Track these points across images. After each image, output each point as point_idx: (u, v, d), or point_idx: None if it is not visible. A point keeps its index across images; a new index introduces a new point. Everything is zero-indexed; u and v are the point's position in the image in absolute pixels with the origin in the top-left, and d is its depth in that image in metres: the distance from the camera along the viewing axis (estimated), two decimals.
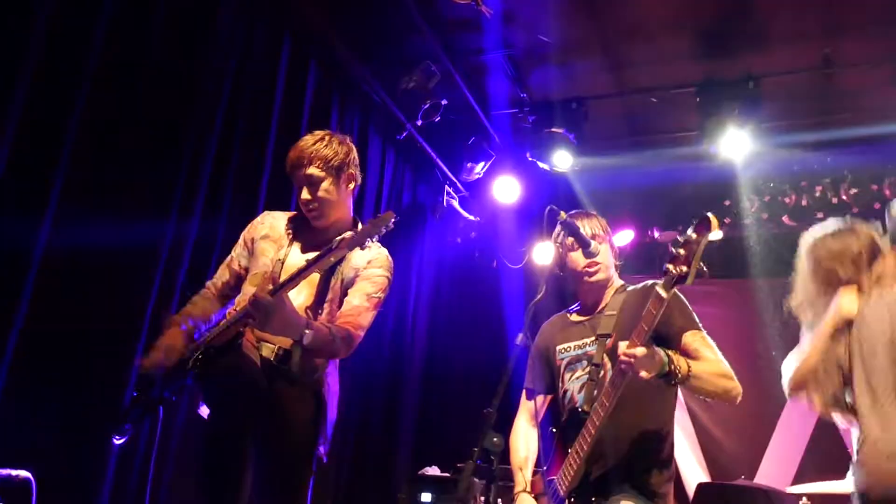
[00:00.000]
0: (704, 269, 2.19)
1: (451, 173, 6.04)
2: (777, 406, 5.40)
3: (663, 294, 2.21)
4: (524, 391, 2.78)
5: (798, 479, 4.96)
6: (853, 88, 4.95)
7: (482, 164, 5.74)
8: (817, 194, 5.47)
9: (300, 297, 2.43)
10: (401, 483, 5.09)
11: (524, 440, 2.71)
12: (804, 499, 4.12)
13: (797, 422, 5.40)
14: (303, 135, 4.40)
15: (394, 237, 2.53)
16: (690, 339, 2.48)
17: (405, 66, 4.88)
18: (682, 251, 2.19)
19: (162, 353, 2.37)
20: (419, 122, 5.11)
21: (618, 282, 2.74)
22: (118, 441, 2.37)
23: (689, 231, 2.20)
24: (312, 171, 2.53)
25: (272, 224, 2.68)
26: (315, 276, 2.39)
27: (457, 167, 5.89)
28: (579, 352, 2.63)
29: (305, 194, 2.55)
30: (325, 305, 2.48)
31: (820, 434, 5.25)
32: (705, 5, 4.60)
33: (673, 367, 2.28)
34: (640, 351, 2.20)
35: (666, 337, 2.44)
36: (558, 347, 2.70)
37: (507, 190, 5.94)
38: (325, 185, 2.54)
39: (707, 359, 2.44)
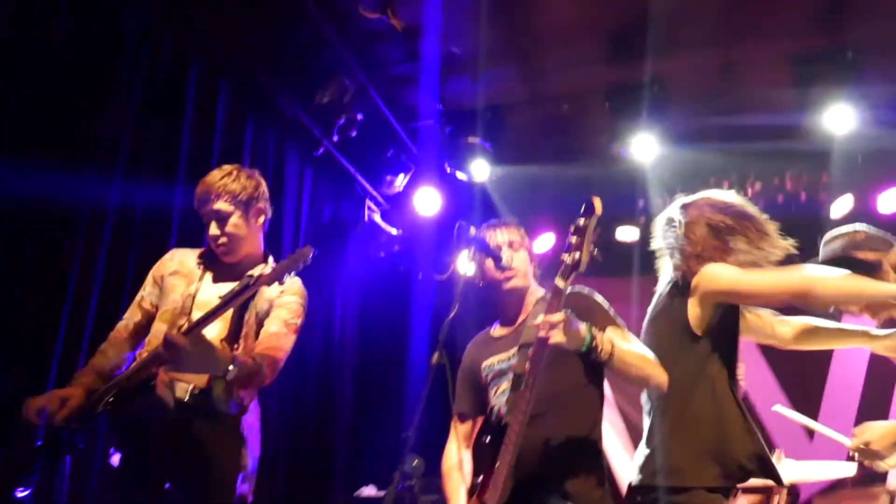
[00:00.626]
0: (596, 253, 2.22)
1: (372, 187, 5.98)
2: None
3: (559, 284, 2.21)
4: (455, 415, 2.67)
5: None
6: (753, 88, 5.16)
7: (402, 176, 5.71)
8: (725, 189, 5.66)
9: (212, 332, 2.35)
10: None
11: (456, 464, 2.61)
12: None
13: None
14: (216, 155, 4.38)
15: (316, 255, 2.47)
16: (612, 333, 2.42)
17: (318, 82, 4.82)
18: (574, 239, 2.22)
19: (55, 404, 2.25)
20: (335, 138, 5.06)
21: (539, 290, 2.71)
22: (22, 494, 2.24)
23: (579, 218, 2.23)
24: (220, 205, 2.49)
25: (181, 260, 2.62)
26: (228, 311, 2.34)
27: (377, 180, 5.84)
28: (504, 365, 2.58)
29: (214, 229, 2.51)
30: (241, 340, 2.43)
31: None
32: (611, 13, 4.73)
33: (596, 342, 2.23)
34: (558, 316, 2.15)
35: None
36: (483, 364, 2.65)
37: (427, 201, 5.90)
38: (233, 219, 2.51)
39: (632, 345, 2.42)
